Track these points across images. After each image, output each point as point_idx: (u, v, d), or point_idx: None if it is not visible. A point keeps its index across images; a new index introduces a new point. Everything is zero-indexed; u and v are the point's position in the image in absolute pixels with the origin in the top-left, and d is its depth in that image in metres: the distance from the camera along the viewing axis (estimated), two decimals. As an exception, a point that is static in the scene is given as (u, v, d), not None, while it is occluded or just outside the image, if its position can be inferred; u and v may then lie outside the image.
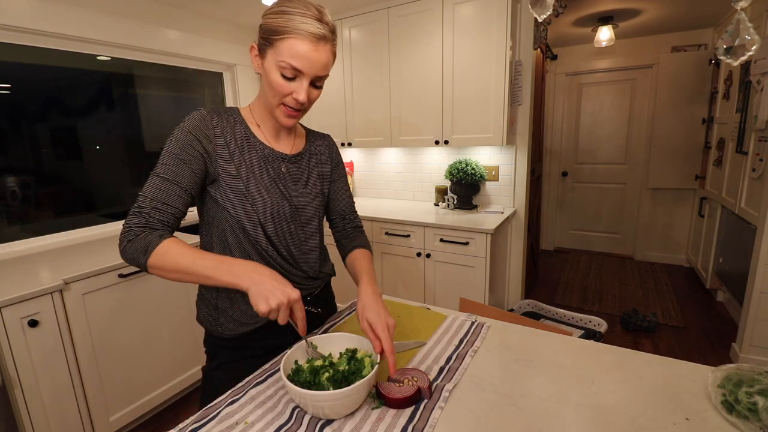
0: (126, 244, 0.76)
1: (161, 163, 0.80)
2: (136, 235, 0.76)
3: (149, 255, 0.74)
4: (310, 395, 0.66)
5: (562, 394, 0.76)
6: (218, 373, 0.94)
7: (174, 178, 0.79)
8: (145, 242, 0.75)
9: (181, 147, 0.80)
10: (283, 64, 0.78)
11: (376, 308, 0.81)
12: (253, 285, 0.72)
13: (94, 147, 2.32)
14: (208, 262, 0.75)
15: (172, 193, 0.79)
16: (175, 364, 1.99)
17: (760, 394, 0.65)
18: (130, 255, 0.76)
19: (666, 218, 3.88)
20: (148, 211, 0.77)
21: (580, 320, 2.29)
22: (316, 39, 0.77)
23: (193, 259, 0.74)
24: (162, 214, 0.78)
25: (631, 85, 3.88)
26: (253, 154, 0.88)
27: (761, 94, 2.22)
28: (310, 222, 0.97)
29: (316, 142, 1.03)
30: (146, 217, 0.77)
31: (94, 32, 2.07)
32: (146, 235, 0.75)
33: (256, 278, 0.72)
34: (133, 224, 0.77)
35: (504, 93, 2.24)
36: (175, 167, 0.79)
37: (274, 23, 0.77)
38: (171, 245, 0.75)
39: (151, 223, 0.77)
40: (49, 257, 1.84)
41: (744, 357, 2.19)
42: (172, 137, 0.81)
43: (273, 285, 0.72)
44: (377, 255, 2.58)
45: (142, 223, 0.77)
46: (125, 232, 0.77)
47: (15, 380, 1.42)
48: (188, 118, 0.83)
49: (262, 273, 0.74)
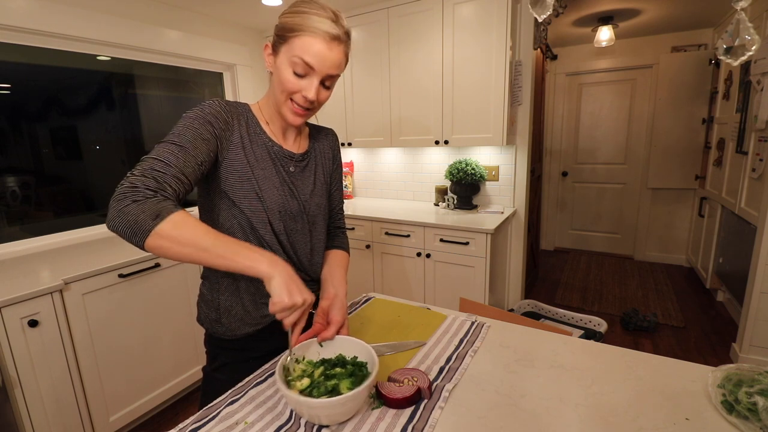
0: (129, 204, 0.64)
1: (177, 133, 0.73)
2: (146, 197, 0.65)
3: (160, 221, 0.64)
4: (305, 402, 0.65)
5: (562, 394, 0.76)
6: (219, 374, 0.94)
7: (192, 150, 0.73)
8: (158, 207, 0.65)
9: (201, 123, 0.77)
10: (295, 59, 0.78)
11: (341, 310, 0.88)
12: (278, 274, 0.68)
13: (94, 147, 2.32)
14: (228, 242, 0.69)
15: (189, 164, 0.72)
16: (175, 364, 1.99)
17: (760, 394, 0.65)
18: (131, 217, 0.63)
19: (666, 218, 3.88)
20: (163, 177, 0.68)
21: (580, 320, 2.29)
22: (330, 38, 0.78)
23: (213, 237, 0.68)
24: (178, 184, 0.70)
25: (631, 85, 3.88)
26: (263, 150, 0.88)
27: (761, 94, 2.22)
28: (316, 221, 0.97)
29: (320, 140, 1.02)
30: (160, 181, 0.68)
31: (94, 32, 2.07)
32: (159, 200, 0.66)
33: (281, 267, 0.69)
34: (143, 185, 0.66)
35: (504, 93, 2.24)
36: (194, 140, 0.74)
37: (291, 22, 0.78)
38: (187, 216, 0.68)
39: (164, 189, 0.68)
40: (49, 257, 1.84)
41: (744, 357, 2.19)
42: (189, 114, 0.77)
43: (299, 281, 0.70)
44: (377, 255, 2.58)
45: (154, 186, 0.67)
46: (131, 190, 0.65)
47: (15, 380, 1.42)
48: (208, 102, 0.81)
49: (287, 266, 0.71)
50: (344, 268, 1.02)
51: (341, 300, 0.90)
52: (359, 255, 2.66)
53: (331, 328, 0.82)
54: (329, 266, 1.01)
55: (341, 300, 0.90)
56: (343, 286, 0.95)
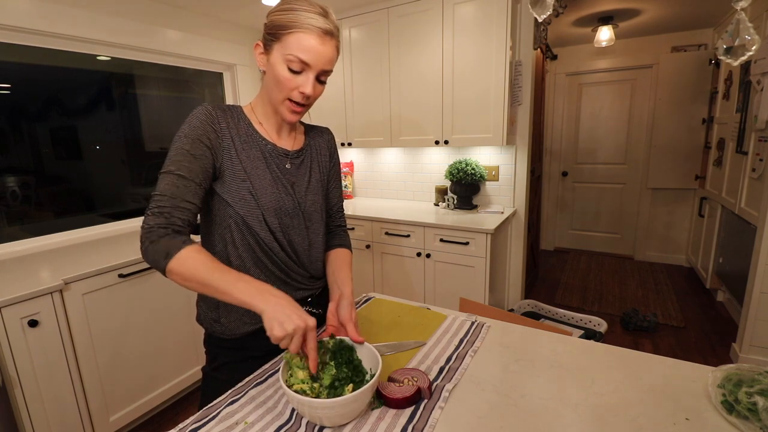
0: (148, 246, 0.75)
1: (173, 160, 0.78)
2: (159, 236, 0.74)
3: (170, 259, 0.73)
4: (307, 402, 0.65)
5: (562, 394, 0.76)
6: (218, 373, 0.94)
7: (189, 175, 0.78)
8: (167, 246, 0.74)
9: (191, 143, 0.80)
10: (290, 57, 0.79)
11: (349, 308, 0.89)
12: (269, 307, 0.70)
13: (94, 147, 2.32)
14: (226, 276, 0.73)
15: (189, 189, 0.78)
16: (175, 364, 1.99)
17: (760, 394, 0.65)
18: (151, 257, 0.74)
19: (666, 218, 3.88)
20: (170, 211, 0.76)
21: (580, 320, 2.29)
22: (323, 33, 0.79)
23: (212, 272, 0.73)
24: (183, 213, 0.77)
25: (631, 85, 3.88)
26: (256, 150, 0.88)
27: (761, 94, 2.22)
28: (313, 218, 0.97)
29: (316, 137, 1.03)
30: (167, 217, 0.76)
31: (94, 32, 2.07)
32: (170, 239, 0.75)
33: (273, 300, 0.71)
34: (155, 225, 0.75)
35: (504, 93, 2.24)
36: (189, 164, 0.78)
37: (282, 19, 0.79)
38: (192, 253, 0.74)
39: (174, 224, 0.76)
40: (49, 257, 1.84)
41: (744, 357, 2.19)
42: (180, 133, 0.81)
43: (290, 309, 0.70)
44: (377, 255, 2.58)
45: (164, 223, 0.75)
46: (147, 232, 0.75)
47: (15, 380, 1.42)
48: (194, 114, 0.83)
49: (279, 296, 0.72)
50: (348, 267, 1.02)
51: (348, 298, 0.91)
52: (359, 255, 2.66)
53: (349, 327, 0.83)
54: (332, 266, 1.01)
55: (348, 298, 0.91)
56: (348, 285, 0.95)
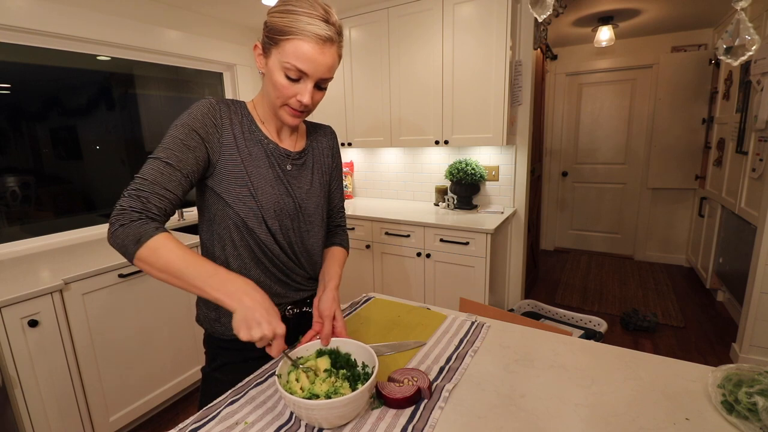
0: (118, 228, 0.70)
1: (164, 147, 0.76)
2: (131, 220, 0.70)
3: (140, 246, 0.69)
4: (303, 404, 0.64)
5: (562, 394, 0.76)
6: (218, 374, 0.94)
7: (177, 164, 0.76)
8: (139, 231, 0.69)
9: (186, 133, 0.78)
10: (287, 65, 0.76)
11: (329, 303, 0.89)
12: (241, 309, 0.67)
13: (94, 147, 2.32)
14: (200, 270, 0.69)
15: (173, 179, 0.75)
16: (174, 364, 1.99)
17: (760, 394, 0.65)
18: (120, 240, 0.70)
19: (666, 218, 3.88)
20: (147, 196, 0.72)
21: (580, 320, 2.29)
22: (322, 41, 0.75)
23: (186, 264, 0.69)
24: (161, 200, 0.74)
25: (631, 85, 3.88)
26: (258, 148, 0.87)
27: (761, 94, 2.22)
28: (313, 220, 0.96)
29: (318, 138, 1.01)
30: (144, 201, 0.72)
31: (94, 32, 2.07)
32: (142, 224, 0.70)
33: (246, 302, 0.68)
34: (129, 207, 0.71)
35: (504, 93, 2.24)
36: (179, 153, 0.76)
37: (280, 23, 0.75)
38: (165, 241, 0.70)
39: (149, 209, 0.72)
40: (49, 257, 1.84)
41: (744, 357, 2.19)
42: (177, 122, 0.79)
43: (261, 314, 0.68)
44: (377, 255, 2.58)
45: (139, 207, 0.71)
46: (119, 214, 0.71)
47: (15, 380, 1.42)
48: (196, 105, 0.81)
49: (254, 299, 0.69)
50: (338, 263, 1.02)
51: (330, 292, 0.90)
52: (359, 255, 2.66)
53: (326, 323, 0.84)
54: (325, 263, 1.01)
55: (330, 292, 0.90)
56: (333, 279, 0.95)
